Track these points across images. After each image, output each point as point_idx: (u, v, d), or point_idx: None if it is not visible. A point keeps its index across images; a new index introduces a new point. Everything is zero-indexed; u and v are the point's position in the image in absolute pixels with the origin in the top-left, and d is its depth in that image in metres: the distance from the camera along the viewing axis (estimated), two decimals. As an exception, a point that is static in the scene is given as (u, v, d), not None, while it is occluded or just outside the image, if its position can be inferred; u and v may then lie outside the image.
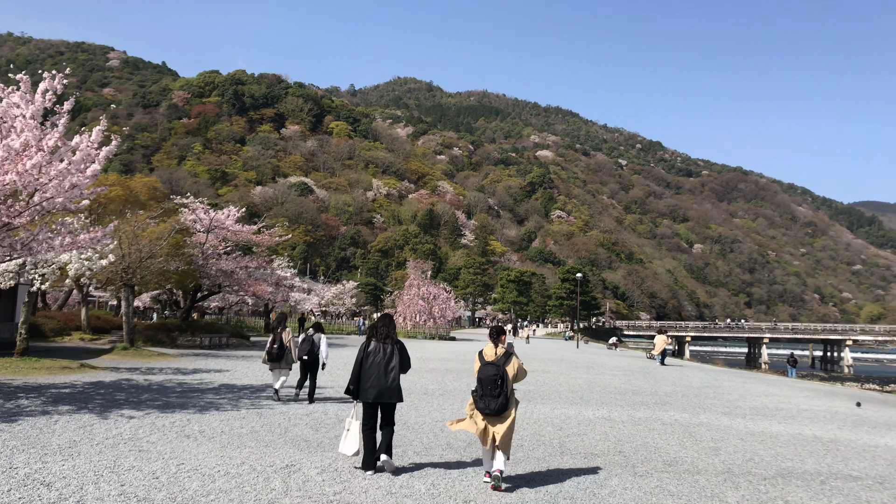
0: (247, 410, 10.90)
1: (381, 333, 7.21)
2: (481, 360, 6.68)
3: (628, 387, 17.82)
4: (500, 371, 6.46)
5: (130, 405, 10.98)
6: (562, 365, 25.33)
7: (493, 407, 6.41)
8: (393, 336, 7.26)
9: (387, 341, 7.14)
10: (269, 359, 11.84)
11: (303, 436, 8.99)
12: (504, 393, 6.44)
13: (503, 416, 6.48)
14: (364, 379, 6.97)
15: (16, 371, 14.48)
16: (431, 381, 16.81)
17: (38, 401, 11.00)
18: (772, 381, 23.63)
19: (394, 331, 7.34)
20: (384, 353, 7.05)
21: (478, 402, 6.56)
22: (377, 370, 6.95)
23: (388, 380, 6.93)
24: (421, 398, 13.40)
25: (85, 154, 10.69)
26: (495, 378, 6.44)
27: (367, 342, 7.21)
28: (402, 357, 7.14)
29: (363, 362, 7.05)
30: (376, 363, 6.98)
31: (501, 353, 6.64)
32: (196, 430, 9.00)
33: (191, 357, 21.58)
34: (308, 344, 11.85)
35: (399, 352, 7.14)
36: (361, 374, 7.00)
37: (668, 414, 12.64)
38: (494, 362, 6.57)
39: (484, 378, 6.51)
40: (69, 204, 11.72)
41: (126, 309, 21.05)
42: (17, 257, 10.81)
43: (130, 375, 15.43)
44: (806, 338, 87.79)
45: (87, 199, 12.21)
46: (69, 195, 11.05)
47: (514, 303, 78.52)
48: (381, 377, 6.92)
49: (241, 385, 14.45)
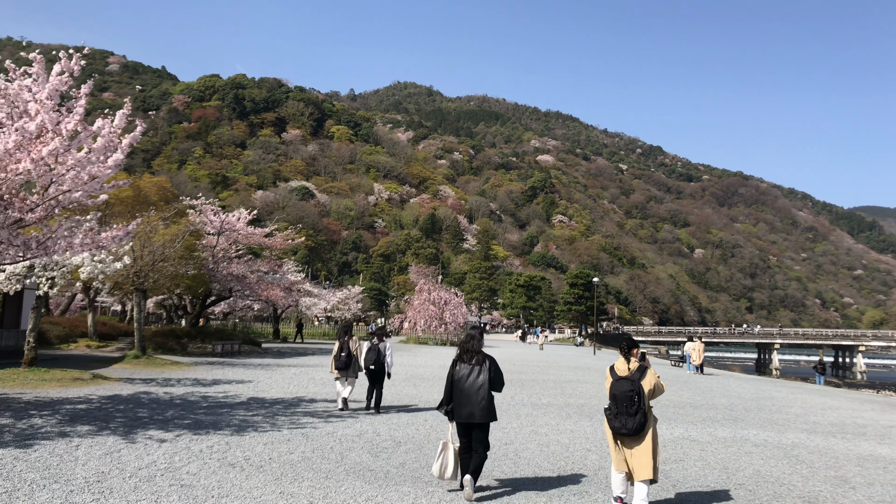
0: (289, 430, 9.64)
1: (470, 349, 6.73)
2: (613, 376, 6.20)
3: (680, 399, 16.59)
4: (636, 386, 5.98)
5: (157, 424, 9.72)
6: (592, 373, 24.09)
7: (631, 426, 5.91)
8: (482, 352, 6.75)
9: (476, 357, 6.67)
10: (336, 367, 11.48)
11: (363, 463, 7.76)
12: (641, 410, 5.94)
13: (640, 436, 5.97)
14: (455, 398, 6.57)
15: (24, 383, 13.21)
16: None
17: (52, 419, 9.74)
18: (817, 391, 22.39)
19: (482, 345, 6.83)
20: (473, 370, 6.61)
21: (612, 420, 6.07)
22: (466, 388, 6.52)
23: (477, 398, 6.46)
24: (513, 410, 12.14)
25: (107, 141, 9.44)
26: (631, 394, 5.96)
27: (456, 360, 6.76)
28: (492, 374, 6.61)
29: (454, 380, 6.63)
30: (465, 381, 6.56)
31: (635, 368, 6.14)
32: (240, 458, 7.75)
33: (205, 366, 20.32)
34: (374, 353, 11.41)
35: (489, 369, 6.62)
36: (453, 392, 6.60)
37: (750, 432, 11.42)
38: (629, 377, 6.07)
39: (618, 394, 6.04)
40: (86, 199, 10.48)
41: (137, 315, 19.78)
42: (32, 257, 9.57)
43: (148, 388, 14.17)
44: (817, 343, 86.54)
45: (105, 195, 11.01)
46: (88, 188, 9.80)
47: (523, 308, 77.19)
48: (470, 396, 6.48)
49: (270, 399, 13.19)
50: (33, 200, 8.90)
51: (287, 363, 23.19)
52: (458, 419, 6.51)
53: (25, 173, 8.67)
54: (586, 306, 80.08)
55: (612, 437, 6.14)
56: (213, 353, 25.55)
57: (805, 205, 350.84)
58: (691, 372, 27.95)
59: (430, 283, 51.88)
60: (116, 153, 9.75)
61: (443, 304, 49.04)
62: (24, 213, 9.43)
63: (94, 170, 9.65)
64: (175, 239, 19.88)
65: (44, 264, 13.82)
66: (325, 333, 53.96)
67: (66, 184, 9.58)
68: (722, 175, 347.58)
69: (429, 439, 9.45)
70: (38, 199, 8.98)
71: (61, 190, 9.61)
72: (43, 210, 9.61)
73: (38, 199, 8.99)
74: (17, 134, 8.21)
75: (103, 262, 14.27)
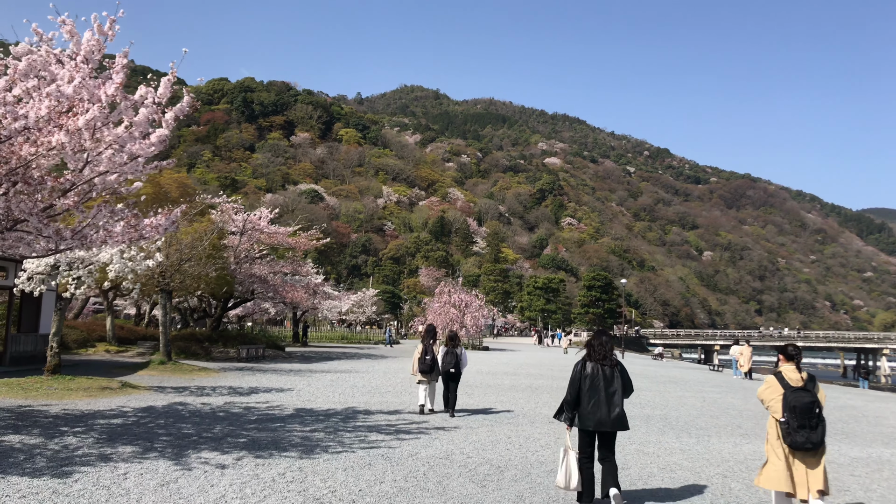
0: (363, 451, 8.25)
1: (599, 353, 6.30)
2: (785, 386, 5.72)
3: (756, 409, 15.15)
4: (815, 397, 5.62)
5: (208, 443, 8.35)
6: (644, 380, 22.64)
7: (816, 439, 5.53)
8: (612, 357, 6.33)
9: (605, 362, 6.26)
10: (420, 370, 11.66)
11: (472, 496, 6.39)
12: (822, 422, 5.59)
13: (820, 451, 5.61)
14: (584, 404, 6.15)
15: (49, 393, 11.84)
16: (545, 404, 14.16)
17: (88, 438, 8.37)
18: (888, 398, 20.91)
19: (613, 349, 6.46)
20: (604, 375, 6.19)
21: (793, 436, 5.56)
22: (597, 395, 6.12)
23: (610, 406, 6.10)
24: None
25: (150, 112, 8.06)
26: (811, 406, 5.56)
27: (582, 363, 6.34)
28: (623, 380, 6.27)
29: (581, 386, 6.21)
30: (596, 387, 6.15)
31: (807, 377, 5.75)
32: (324, 490, 6.37)
33: (234, 372, 18.96)
34: (453, 357, 11.78)
35: (620, 374, 6.28)
36: (581, 398, 6.18)
37: (875, 451, 10.00)
38: (806, 388, 5.67)
39: (799, 406, 5.57)
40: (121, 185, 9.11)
41: (163, 318, 18.45)
42: (65, 249, 8.21)
43: (182, 398, 12.80)
44: (840, 346, 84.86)
45: (140, 181, 9.68)
46: (127, 170, 8.45)
47: (541, 311, 75.58)
48: (601, 403, 6.10)
49: (321, 411, 11.80)
50: (69, 179, 7.52)
51: (318, 368, 21.82)
52: (584, 426, 6.13)
53: (59, 148, 7.32)
54: (604, 309, 78.58)
55: (787, 453, 5.66)
56: (239, 357, 24.19)
57: (813, 207, 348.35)
58: (738, 377, 26.47)
59: (450, 286, 50.45)
60: (161, 129, 8.38)
61: (463, 306, 47.60)
62: (56, 198, 8.08)
63: (135, 147, 8.28)
64: (203, 237, 18.54)
65: (69, 262, 12.49)
66: (345, 337, 52.51)
67: (102, 164, 8.23)
68: (730, 177, 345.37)
69: (528, 461, 8.06)
70: (74, 177, 7.60)
71: (97, 171, 8.26)
72: (77, 195, 8.27)
73: (75, 178, 7.62)
74: (51, 99, 6.87)
75: (133, 260, 12.90)
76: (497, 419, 11.53)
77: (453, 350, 11.84)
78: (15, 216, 8.12)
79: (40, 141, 7.06)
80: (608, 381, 6.13)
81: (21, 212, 7.29)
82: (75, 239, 7.85)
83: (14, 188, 7.41)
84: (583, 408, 6.13)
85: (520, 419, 11.63)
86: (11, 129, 6.78)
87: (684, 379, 24.18)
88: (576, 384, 6.21)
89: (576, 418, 6.18)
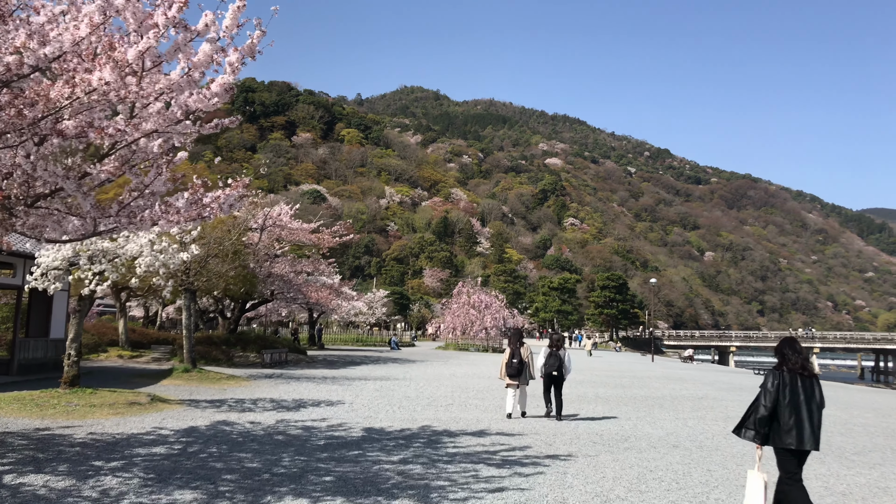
0: (490, 495, 6.32)
1: (797, 363, 5.58)
2: None
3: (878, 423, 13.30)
4: None
5: (286, 484, 6.41)
6: (703, 387, 20.77)
7: None
8: (810, 367, 5.66)
9: (804, 372, 5.57)
10: (507, 373, 11.37)
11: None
12: None
13: None
14: (782, 418, 5.42)
15: (70, 411, 9.87)
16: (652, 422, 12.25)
17: (132, 478, 6.42)
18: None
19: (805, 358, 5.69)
20: (805, 386, 5.49)
21: None
22: (797, 409, 5.40)
23: (812, 423, 5.40)
24: (726, 448, 8.83)
25: (214, 51, 6.12)
26: None
27: (779, 372, 5.57)
28: (821, 393, 5.58)
29: (779, 398, 5.47)
30: (796, 401, 5.43)
31: None
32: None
33: (265, 380, 17.03)
34: (556, 359, 11.50)
35: (818, 386, 5.62)
36: (777, 411, 5.44)
37: None
38: None
39: None
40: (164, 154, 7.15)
41: (187, 321, 16.51)
42: (104, 232, 6.28)
43: (224, 415, 10.85)
44: (858, 347, 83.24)
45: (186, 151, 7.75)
46: (179, 130, 6.53)
47: (557, 311, 73.66)
48: (804, 419, 5.38)
49: (394, 431, 9.86)
50: (119, 128, 5.56)
51: (351, 375, 19.90)
52: (782, 444, 5.41)
53: (102, 91, 5.37)
54: (618, 309, 76.75)
55: None
56: (263, 363, 22.25)
57: (814, 207, 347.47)
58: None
59: (468, 285, 48.61)
60: (226, 75, 6.43)
61: (483, 307, 45.76)
62: (90, 165, 6.12)
63: (192, 100, 6.34)
64: (231, 232, 16.61)
65: (90, 255, 10.55)
66: (359, 339, 50.53)
67: (150, 121, 6.31)
68: (730, 177, 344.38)
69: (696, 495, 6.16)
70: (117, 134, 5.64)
71: (143, 130, 6.32)
72: (118, 160, 6.34)
73: (118, 136, 5.67)
74: (97, 14, 4.94)
75: (164, 252, 10.95)
76: (610, 439, 9.61)
77: (556, 353, 11.58)
78: (38, 190, 6.19)
79: (79, 78, 5.13)
80: (811, 391, 5.43)
81: (52, 176, 5.35)
82: (122, 215, 5.91)
83: (39, 146, 5.47)
84: (781, 423, 5.42)
85: (633, 441, 9.73)
86: (39, 55, 4.86)
87: (724, 382, 22.26)
88: (771, 395, 5.47)
89: (769, 436, 5.44)
